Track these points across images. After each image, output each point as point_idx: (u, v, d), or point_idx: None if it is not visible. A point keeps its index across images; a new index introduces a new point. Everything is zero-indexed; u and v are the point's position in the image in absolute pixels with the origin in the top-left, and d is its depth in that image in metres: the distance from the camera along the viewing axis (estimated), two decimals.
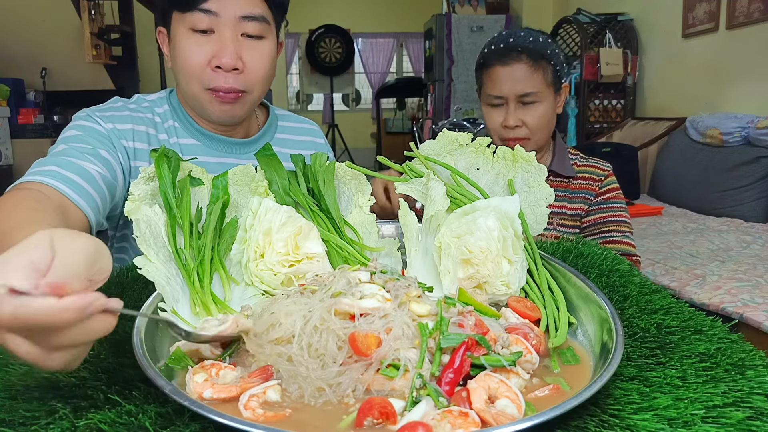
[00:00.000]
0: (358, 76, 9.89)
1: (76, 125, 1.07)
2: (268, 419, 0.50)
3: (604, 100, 4.61)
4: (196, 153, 1.17)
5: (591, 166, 1.50)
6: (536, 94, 1.40)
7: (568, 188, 1.48)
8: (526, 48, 1.41)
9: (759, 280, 2.09)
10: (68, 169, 0.95)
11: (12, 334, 0.44)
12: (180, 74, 1.11)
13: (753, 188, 3.06)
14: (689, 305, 0.76)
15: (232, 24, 1.05)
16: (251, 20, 1.06)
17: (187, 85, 1.11)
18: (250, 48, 1.08)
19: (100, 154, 1.02)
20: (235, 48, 1.05)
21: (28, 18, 5.30)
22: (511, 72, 1.40)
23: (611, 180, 1.49)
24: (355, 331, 0.55)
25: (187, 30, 1.06)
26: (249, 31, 1.07)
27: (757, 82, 3.38)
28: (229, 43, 1.05)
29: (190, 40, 1.06)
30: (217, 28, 1.05)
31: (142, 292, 0.80)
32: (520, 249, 0.74)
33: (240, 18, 1.05)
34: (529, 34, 1.45)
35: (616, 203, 1.48)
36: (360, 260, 0.78)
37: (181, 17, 1.06)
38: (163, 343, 0.64)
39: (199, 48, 1.06)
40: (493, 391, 0.51)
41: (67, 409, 0.50)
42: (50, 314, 0.42)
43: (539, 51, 1.41)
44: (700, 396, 0.52)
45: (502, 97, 1.42)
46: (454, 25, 5.84)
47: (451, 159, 0.86)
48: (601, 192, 1.47)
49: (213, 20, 1.04)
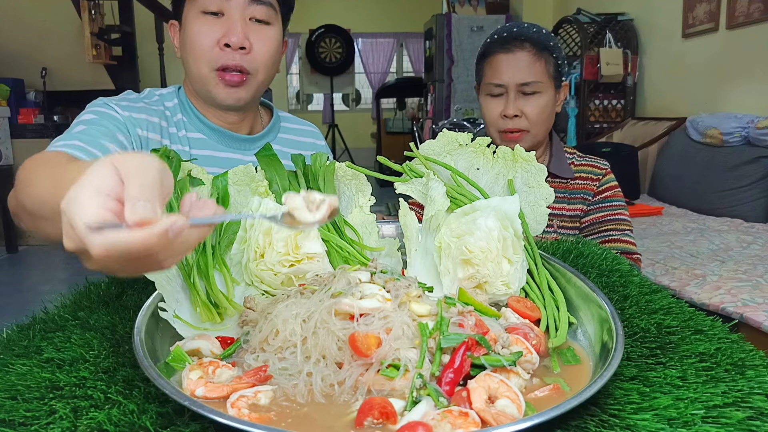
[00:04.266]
0: (358, 76, 9.88)
1: (93, 110, 1.09)
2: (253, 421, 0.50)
3: (604, 100, 4.61)
4: (204, 147, 1.21)
5: (588, 165, 1.48)
6: (537, 84, 1.38)
7: (566, 189, 1.46)
8: (529, 37, 1.40)
9: (759, 280, 2.09)
10: (91, 145, 0.98)
11: (108, 263, 0.45)
12: (190, 56, 1.16)
13: (753, 188, 3.06)
14: (689, 305, 0.76)
15: (242, 7, 1.12)
16: (259, 4, 1.13)
17: (196, 67, 1.16)
18: (257, 31, 1.15)
19: (117, 137, 1.06)
20: (243, 28, 1.12)
21: (28, 18, 5.30)
22: (513, 59, 1.39)
23: (609, 178, 1.48)
24: (356, 331, 0.55)
25: (198, 12, 1.13)
26: (257, 15, 1.14)
27: (757, 82, 3.38)
28: (237, 24, 1.12)
29: (201, 22, 1.13)
30: (227, 11, 1.12)
31: (143, 292, 0.80)
32: (520, 249, 0.74)
33: (249, 1, 1.12)
34: (532, 26, 1.44)
35: (615, 201, 1.46)
36: (360, 260, 0.78)
37: (193, 1, 1.13)
38: (163, 343, 0.64)
39: (209, 28, 1.13)
40: (493, 391, 0.51)
41: (67, 409, 0.50)
42: (139, 245, 0.42)
43: (543, 42, 1.40)
44: (700, 396, 0.52)
45: (502, 86, 1.40)
46: (454, 25, 5.84)
47: (451, 159, 0.86)
48: (599, 191, 1.46)
49: (223, 3, 1.12)
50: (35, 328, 0.69)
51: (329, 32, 9.20)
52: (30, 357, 0.61)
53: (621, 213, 1.46)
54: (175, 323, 0.65)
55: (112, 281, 0.85)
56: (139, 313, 0.64)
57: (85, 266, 0.47)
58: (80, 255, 0.45)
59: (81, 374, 0.57)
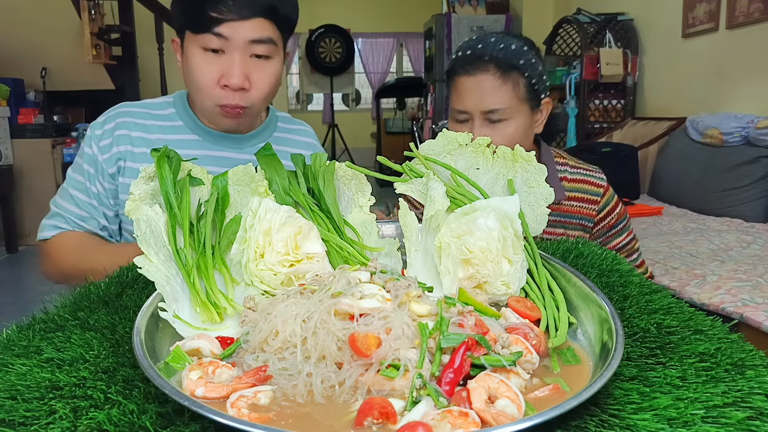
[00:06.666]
0: (358, 76, 9.88)
1: (80, 151, 1.25)
2: (253, 421, 0.50)
3: (604, 100, 4.61)
4: (196, 147, 1.24)
5: (583, 182, 1.34)
6: (504, 111, 1.22)
7: (560, 212, 1.32)
8: (494, 57, 1.24)
9: (759, 280, 2.09)
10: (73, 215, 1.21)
11: None
12: (191, 87, 1.19)
13: (753, 188, 3.06)
14: (689, 305, 0.76)
15: (242, 47, 1.11)
16: (260, 43, 1.12)
17: (198, 99, 1.20)
18: (258, 68, 1.14)
19: (89, 189, 1.21)
20: (243, 69, 1.11)
21: (28, 18, 5.30)
22: (476, 84, 1.23)
23: (608, 198, 1.34)
24: (355, 331, 0.55)
25: (199, 48, 1.12)
26: (258, 52, 1.13)
27: (757, 82, 3.38)
28: (237, 66, 1.11)
29: (202, 58, 1.12)
30: (228, 49, 1.11)
31: (142, 292, 0.80)
32: (520, 249, 0.74)
33: (249, 41, 1.10)
34: (500, 41, 1.26)
35: (619, 224, 1.34)
36: (360, 260, 0.78)
37: (194, 37, 1.12)
38: (163, 343, 0.64)
39: (210, 67, 1.12)
40: (493, 391, 0.51)
41: (67, 409, 0.50)
42: None
43: (510, 61, 1.23)
44: (700, 396, 0.52)
45: (466, 112, 1.25)
46: (454, 25, 5.84)
47: (451, 159, 0.86)
48: (600, 217, 1.33)
49: (224, 42, 1.10)
50: (35, 328, 0.69)
51: (329, 32, 9.20)
52: (30, 357, 0.61)
53: (627, 237, 1.34)
54: (175, 323, 0.65)
55: (112, 281, 0.85)
56: (139, 313, 0.64)
57: None
58: None
59: (81, 374, 0.57)
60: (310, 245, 0.74)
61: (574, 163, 1.37)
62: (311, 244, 0.74)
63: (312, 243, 0.74)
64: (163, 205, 0.75)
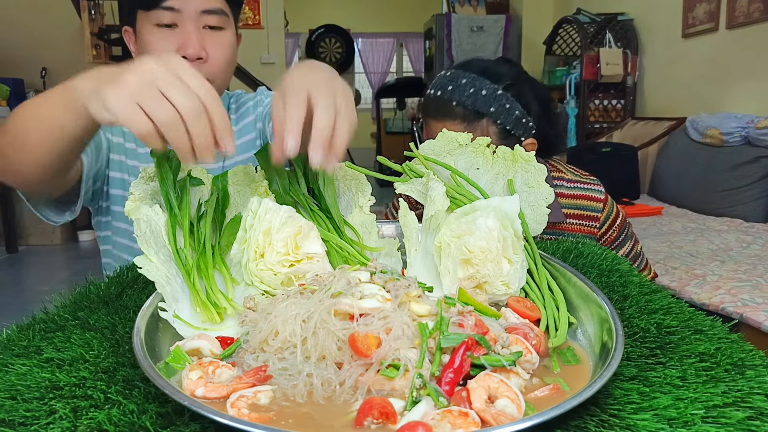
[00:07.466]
0: (358, 76, 9.89)
1: None
2: (253, 420, 0.50)
3: (604, 100, 4.62)
4: None
5: (582, 197, 1.28)
6: None
7: (561, 230, 1.27)
8: (461, 103, 1.19)
9: (759, 280, 2.09)
10: None
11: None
12: None
13: (753, 188, 3.06)
14: (689, 305, 0.76)
15: (194, 18, 1.13)
16: (211, 14, 1.14)
17: None
18: (212, 38, 1.16)
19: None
20: (198, 39, 1.13)
21: (28, 18, 5.30)
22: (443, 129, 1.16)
23: (608, 212, 1.28)
24: (355, 331, 0.55)
25: (152, 26, 1.14)
26: (210, 23, 1.15)
27: (757, 82, 3.38)
28: (192, 36, 1.12)
29: (156, 35, 1.14)
30: (180, 23, 1.13)
31: (142, 292, 0.80)
32: (520, 249, 0.74)
33: (201, 12, 1.13)
34: (470, 84, 1.19)
35: (621, 236, 1.30)
36: (360, 260, 0.78)
37: (145, 15, 1.14)
38: (163, 343, 0.64)
39: (165, 41, 1.13)
40: (493, 391, 0.51)
41: (67, 409, 0.50)
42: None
43: (478, 109, 1.18)
44: (700, 396, 0.52)
45: None
46: (454, 25, 5.84)
47: (451, 159, 0.86)
48: (602, 233, 1.28)
49: (176, 16, 1.12)
50: (35, 328, 0.69)
51: (329, 32, 9.21)
52: (30, 357, 0.61)
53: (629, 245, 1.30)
54: (175, 323, 0.65)
55: (112, 281, 0.85)
56: (139, 313, 0.64)
57: (100, 105, 0.60)
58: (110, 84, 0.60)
59: (81, 374, 0.57)
60: (310, 245, 0.74)
61: (572, 176, 1.32)
62: (311, 244, 0.74)
63: (312, 243, 0.74)
64: (163, 205, 0.75)
